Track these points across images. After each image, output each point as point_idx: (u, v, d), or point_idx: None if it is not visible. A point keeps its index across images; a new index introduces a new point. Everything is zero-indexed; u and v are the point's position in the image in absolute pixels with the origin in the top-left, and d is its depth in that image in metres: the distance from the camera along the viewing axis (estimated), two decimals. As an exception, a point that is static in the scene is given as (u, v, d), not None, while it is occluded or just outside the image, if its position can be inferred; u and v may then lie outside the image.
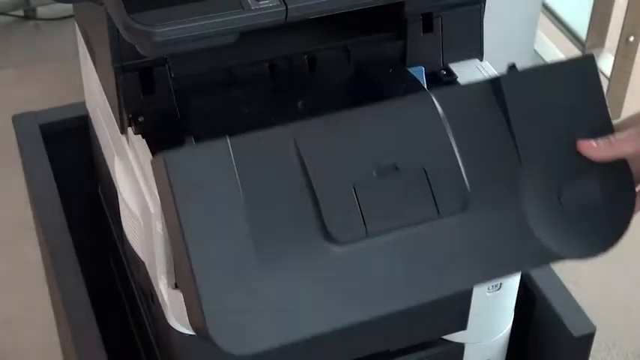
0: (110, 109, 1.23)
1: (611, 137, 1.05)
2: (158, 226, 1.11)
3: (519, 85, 1.05)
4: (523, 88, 1.05)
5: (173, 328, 1.16)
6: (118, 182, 1.22)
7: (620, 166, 1.05)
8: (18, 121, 1.67)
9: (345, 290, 0.97)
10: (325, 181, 0.98)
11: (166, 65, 1.16)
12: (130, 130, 1.17)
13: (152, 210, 1.11)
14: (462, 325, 1.28)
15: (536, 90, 1.06)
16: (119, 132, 1.20)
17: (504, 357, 1.39)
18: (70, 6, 1.29)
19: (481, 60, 1.30)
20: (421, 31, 1.25)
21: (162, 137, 1.17)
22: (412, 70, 1.22)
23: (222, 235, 0.94)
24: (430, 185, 1.01)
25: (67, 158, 1.62)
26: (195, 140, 1.07)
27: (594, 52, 2.75)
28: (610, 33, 2.73)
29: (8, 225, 2.46)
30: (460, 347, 1.32)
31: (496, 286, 1.26)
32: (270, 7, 1.04)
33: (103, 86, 1.26)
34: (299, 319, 0.96)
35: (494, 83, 1.05)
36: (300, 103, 1.17)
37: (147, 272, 1.22)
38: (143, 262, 1.22)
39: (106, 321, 1.40)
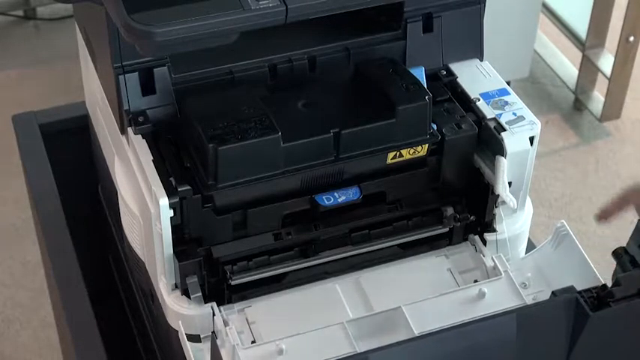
0: (110, 109, 1.23)
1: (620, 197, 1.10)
2: (158, 226, 1.11)
3: (605, 319, 1.04)
4: (607, 323, 1.05)
5: (173, 328, 1.16)
6: (118, 182, 1.22)
7: None
8: (18, 121, 1.67)
9: None
10: None
11: (166, 65, 1.16)
12: (130, 130, 1.17)
13: (152, 210, 1.11)
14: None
15: (622, 325, 1.06)
16: (119, 132, 1.20)
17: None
18: (70, 6, 1.29)
19: (481, 60, 1.30)
20: (421, 31, 1.25)
21: (162, 137, 1.17)
22: (412, 70, 1.22)
23: None
24: None
25: (67, 158, 1.62)
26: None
27: (594, 52, 2.75)
28: (610, 33, 2.73)
29: (8, 225, 2.46)
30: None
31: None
32: (270, 7, 1.04)
33: (103, 86, 1.26)
34: None
35: (580, 316, 1.04)
36: (300, 103, 1.17)
37: (147, 272, 1.22)
38: (143, 262, 1.23)
39: (106, 321, 1.40)
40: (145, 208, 1.13)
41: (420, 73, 1.23)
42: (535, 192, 2.54)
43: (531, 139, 1.19)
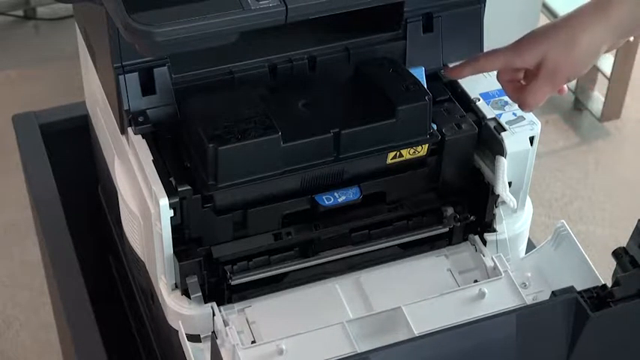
0: (110, 109, 1.23)
1: (474, 60, 1.17)
2: (158, 226, 1.11)
3: (606, 319, 1.04)
4: (607, 323, 1.05)
5: (173, 328, 1.16)
6: (118, 182, 1.22)
7: None
8: (18, 121, 1.67)
9: None
10: None
11: (166, 65, 1.16)
12: (130, 130, 1.17)
13: (152, 210, 1.11)
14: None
15: (622, 325, 1.07)
16: (119, 132, 1.20)
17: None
18: (70, 6, 1.29)
19: (481, 60, 1.30)
20: (421, 31, 1.25)
21: (162, 137, 1.17)
22: (412, 70, 1.22)
23: None
24: None
25: (67, 158, 1.62)
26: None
27: None
28: (610, 33, 2.73)
29: (8, 225, 2.46)
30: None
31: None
32: (270, 7, 1.04)
33: (103, 86, 1.26)
34: None
35: (580, 316, 1.04)
36: (300, 103, 1.17)
37: (147, 272, 1.22)
38: (143, 262, 1.23)
39: (106, 321, 1.40)
40: (145, 208, 1.13)
41: (420, 73, 1.23)
42: (535, 192, 2.54)
43: (531, 139, 1.20)
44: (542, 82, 1.12)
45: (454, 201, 1.23)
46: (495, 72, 1.28)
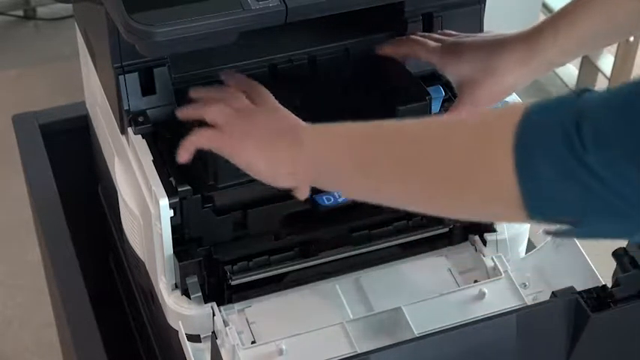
0: (110, 109, 1.23)
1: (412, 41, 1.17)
2: (158, 226, 1.11)
3: (606, 320, 1.04)
4: (607, 324, 1.05)
5: (173, 328, 1.16)
6: (118, 182, 1.22)
7: None
8: (18, 121, 1.67)
9: None
10: None
11: (166, 65, 1.16)
12: (130, 130, 1.17)
13: (152, 210, 1.11)
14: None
15: (622, 326, 1.07)
16: (119, 132, 1.20)
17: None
18: (70, 6, 1.30)
19: (481, 60, 1.29)
20: (421, 31, 1.25)
21: (162, 137, 1.17)
22: (430, 89, 1.20)
23: None
24: None
25: (67, 158, 1.62)
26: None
27: (594, 52, 2.75)
28: (610, 33, 2.73)
29: (8, 225, 2.46)
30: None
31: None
32: (270, 7, 1.04)
33: (103, 86, 1.26)
34: None
35: (580, 316, 1.04)
36: (300, 103, 1.17)
37: (147, 272, 1.22)
38: (143, 262, 1.23)
39: (106, 321, 1.40)
40: (145, 208, 1.13)
41: (437, 91, 1.23)
42: (535, 192, 2.53)
43: (531, 139, 1.19)
44: (462, 105, 1.14)
45: (454, 201, 1.23)
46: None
